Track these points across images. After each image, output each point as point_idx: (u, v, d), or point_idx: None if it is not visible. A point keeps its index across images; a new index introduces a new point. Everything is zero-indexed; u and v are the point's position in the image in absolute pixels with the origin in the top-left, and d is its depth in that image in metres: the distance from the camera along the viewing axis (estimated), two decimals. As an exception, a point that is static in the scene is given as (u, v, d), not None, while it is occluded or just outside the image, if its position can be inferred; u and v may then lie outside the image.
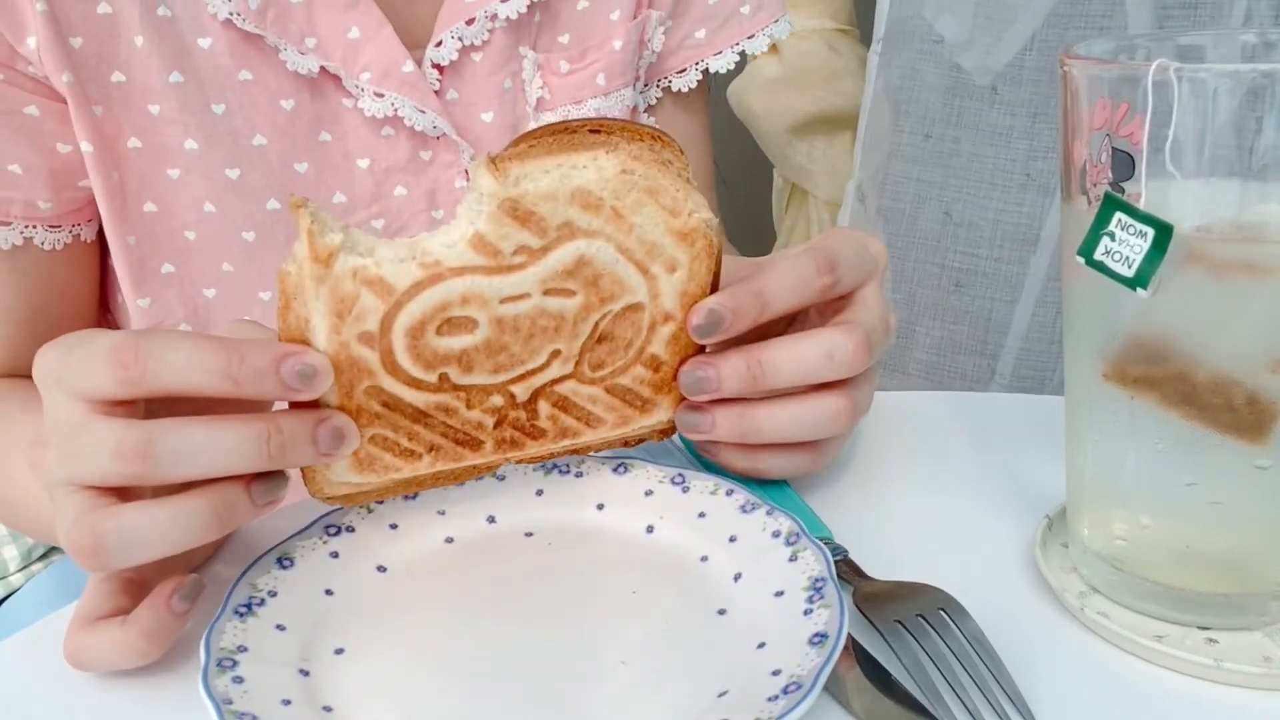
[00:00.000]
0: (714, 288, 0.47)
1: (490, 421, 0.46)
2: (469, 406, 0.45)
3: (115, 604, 0.43)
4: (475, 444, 0.46)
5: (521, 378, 0.45)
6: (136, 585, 0.44)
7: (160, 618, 0.42)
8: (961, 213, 1.33)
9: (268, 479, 0.43)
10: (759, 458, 0.51)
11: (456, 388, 0.44)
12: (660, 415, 0.49)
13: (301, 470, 0.45)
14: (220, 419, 0.41)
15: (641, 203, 0.44)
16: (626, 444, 0.51)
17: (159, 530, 0.40)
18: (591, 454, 0.52)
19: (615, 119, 0.47)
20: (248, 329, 0.45)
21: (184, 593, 0.43)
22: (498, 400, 0.45)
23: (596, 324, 0.45)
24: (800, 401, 0.49)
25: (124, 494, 0.42)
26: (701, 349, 0.49)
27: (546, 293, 0.43)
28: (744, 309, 0.46)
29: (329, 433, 0.42)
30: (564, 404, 0.47)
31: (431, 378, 0.44)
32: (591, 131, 0.43)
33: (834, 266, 0.48)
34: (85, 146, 0.62)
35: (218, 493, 0.41)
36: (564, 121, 0.43)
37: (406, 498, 0.51)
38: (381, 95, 0.65)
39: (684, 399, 0.49)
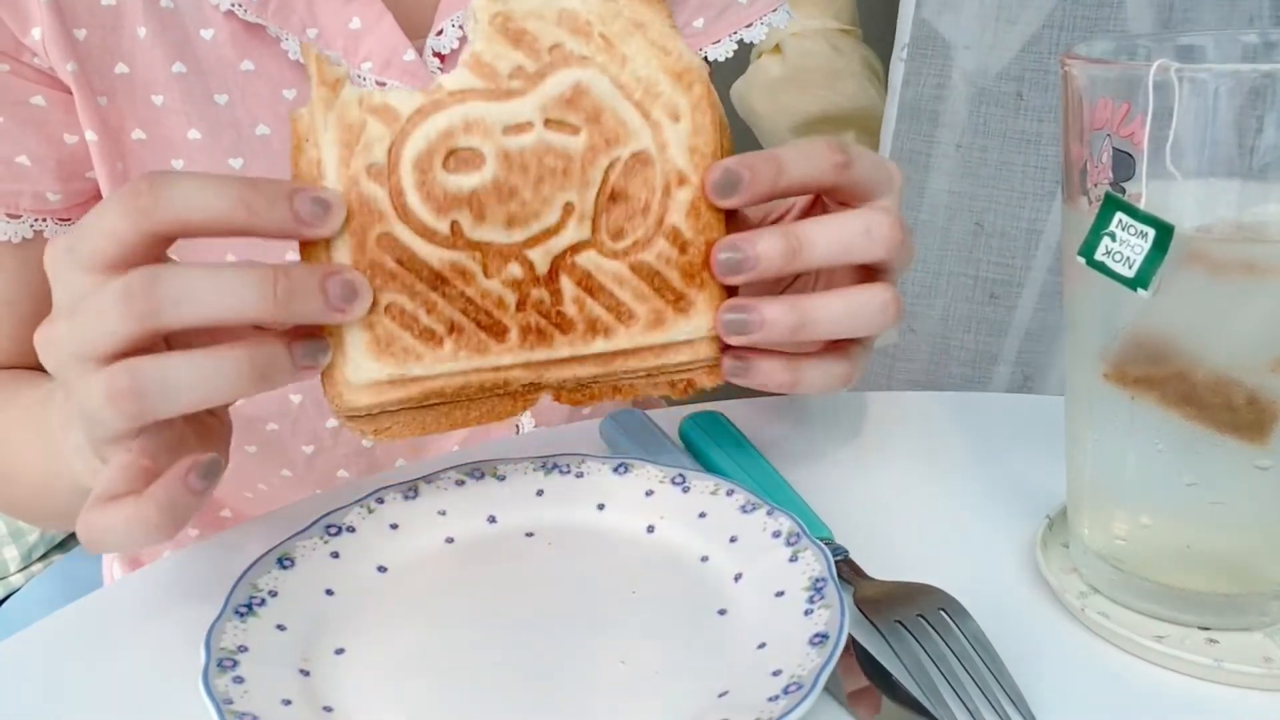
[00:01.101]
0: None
1: (512, 299, 0.45)
2: (487, 274, 0.44)
3: (130, 488, 0.42)
4: (499, 331, 0.45)
5: (537, 239, 0.45)
6: (152, 474, 0.43)
7: (176, 493, 0.41)
8: (993, 223, 1.32)
9: (309, 340, 0.42)
10: (802, 367, 0.48)
11: (471, 245, 0.44)
12: (698, 320, 0.46)
13: (321, 376, 0.44)
14: (226, 265, 0.40)
15: (629, 33, 0.44)
16: (674, 386, 0.48)
17: (199, 374, 0.39)
18: (626, 394, 0.48)
19: None
20: None
21: (201, 470, 0.41)
22: (517, 270, 0.45)
23: (606, 174, 0.45)
24: (849, 292, 0.47)
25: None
26: (725, 231, 0.47)
27: (548, 124, 0.44)
28: (760, 169, 0.45)
29: (339, 285, 0.41)
30: (589, 284, 0.46)
31: (444, 226, 0.43)
32: None
33: (845, 149, 0.47)
34: (90, 136, 0.63)
35: (258, 345, 0.41)
36: None
37: (419, 486, 0.51)
38: (383, 84, 0.65)
39: (723, 294, 0.47)
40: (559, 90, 0.44)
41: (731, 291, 0.47)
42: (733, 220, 0.47)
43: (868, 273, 0.49)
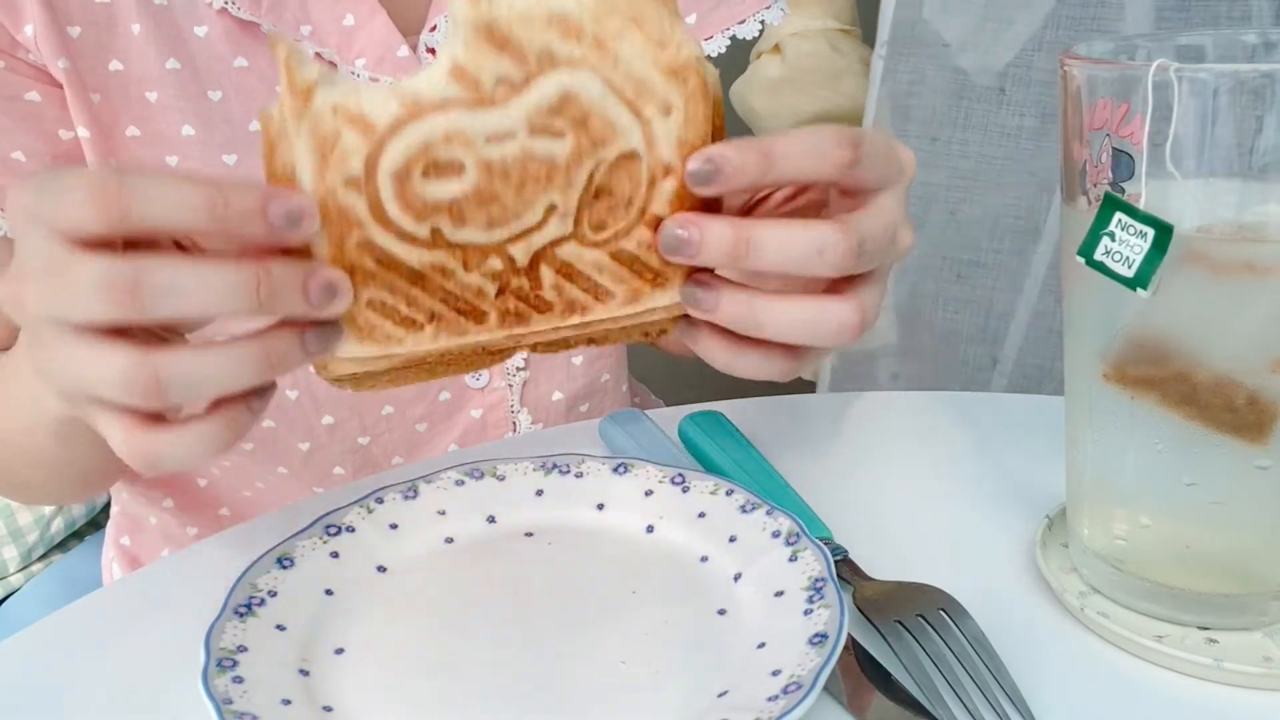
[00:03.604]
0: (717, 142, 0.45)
1: (492, 289, 0.44)
2: (467, 269, 0.44)
3: (187, 411, 0.42)
4: (478, 315, 0.45)
5: (518, 237, 0.44)
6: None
7: (240, 412, 0.42)
8: (968, 213, 1.34)
9: (321, 329, 0.42)
10: (742, 353, 0.47)
11: (451, 246, 0.43)
12: (673, 290, 0.46)
13: None
14: (209, 259, 0.40)
15: (625, 30, 0.43)
16: (647, 335, 0.48)
17: (217, 367, 0.40)
18: (601, 343, 0.48)
19: None
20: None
21: (263, 400, 0.42)
22: (496, 264, 0.44)
23: (591, 174, 0.44)
24: (810, 303, 0.45)
25: (117, 335, 0.41)
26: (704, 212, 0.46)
27: (533, 132, 0.43)
28: (746, 161, 0.43)
29: (320, 285, 0.41)
30: (568, 271, 0.45)
31: (424, 232, 0.43)
32: None
33: (857, 144, 0.44)
34: (83, 132, 0.63)
35: (270, 340, 0.41)
36: None
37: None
38: (377, 80, 0.65)
39: (693, 273, 0.46)
40: (545, 99, 0.43)
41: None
42: (716, 207, 0.46)
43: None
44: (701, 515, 0.50)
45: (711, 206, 0.46)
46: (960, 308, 1.38)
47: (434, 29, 0.67)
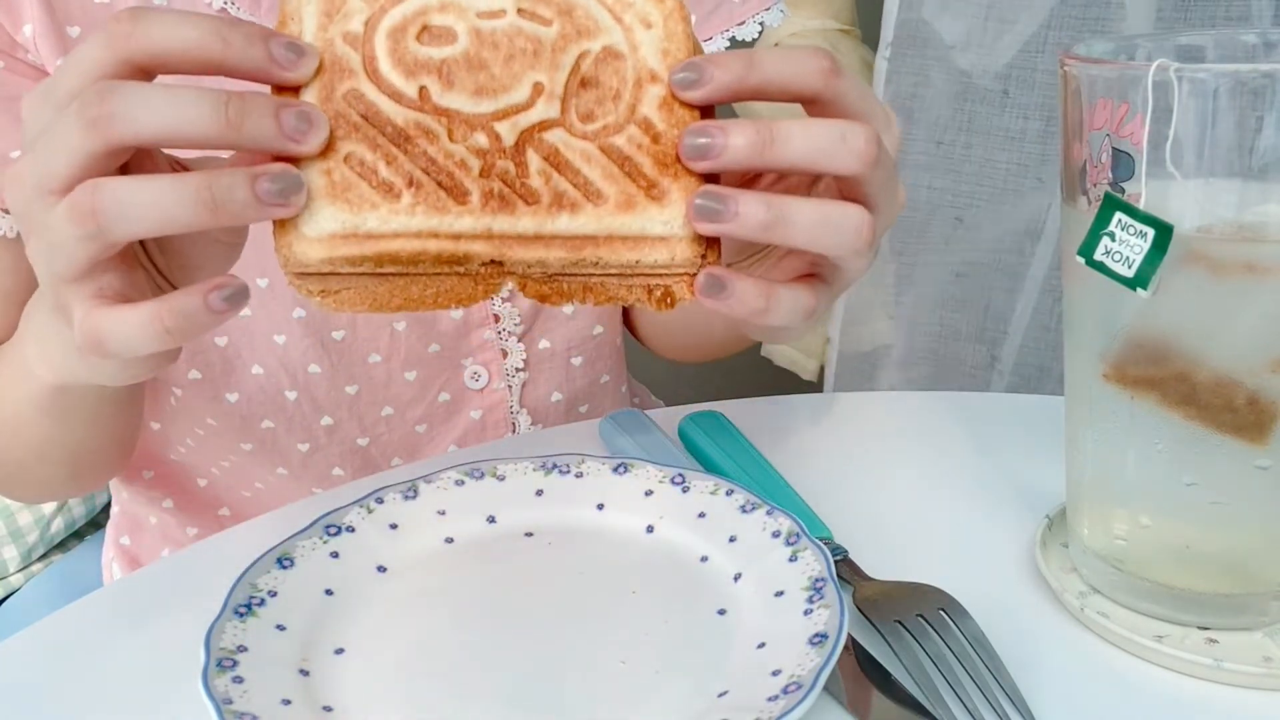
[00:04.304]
0: None
1: (475, 165, 0.44)
2: (452, 138, 0.44)
3: (139, 296, 0.42)
4: (460, 193, 0.44)
5: (505, 114, 0.44)
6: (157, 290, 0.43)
7: (195, 306, 0.40)
8: (974, 218, 1.33)
9: (277, 170, 0.41)
10: (777, 293, 0.45)
11: (438, 110, 0.44)
12: (672, 212, 0.44)
13: (274, 227, 0.43)
14: (180, 85, 0.40)
15: None
16: (650, 294, 0.46)
17: (157, 193, 0.39)
18: (599, 297, 0.46)
19: None
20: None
21: (226, 291, 0.40)
22: (482, 140, 0.44)
23: (578, 61, 0.45)
24: (828, 203, 0.45)
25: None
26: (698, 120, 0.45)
27: (521, 14, 0.45)
28: (729, 64, 0.43)
29: (295, 112, 0.41)
30: (555, 159, 0.44)
31: (412, 90, 0.43)
32: None
33: (834, 59, 0.44)
34: None
35: (218, 173, 0.40)
36: None
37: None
38: None
39: (700, 183, 0.44)
40: None
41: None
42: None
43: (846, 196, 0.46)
44: (701, 515, 0.50)
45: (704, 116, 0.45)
46: (960, 308, 1.38)
47: None
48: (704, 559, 0.48)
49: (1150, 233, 0.39)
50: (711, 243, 0.45)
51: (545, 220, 0.44)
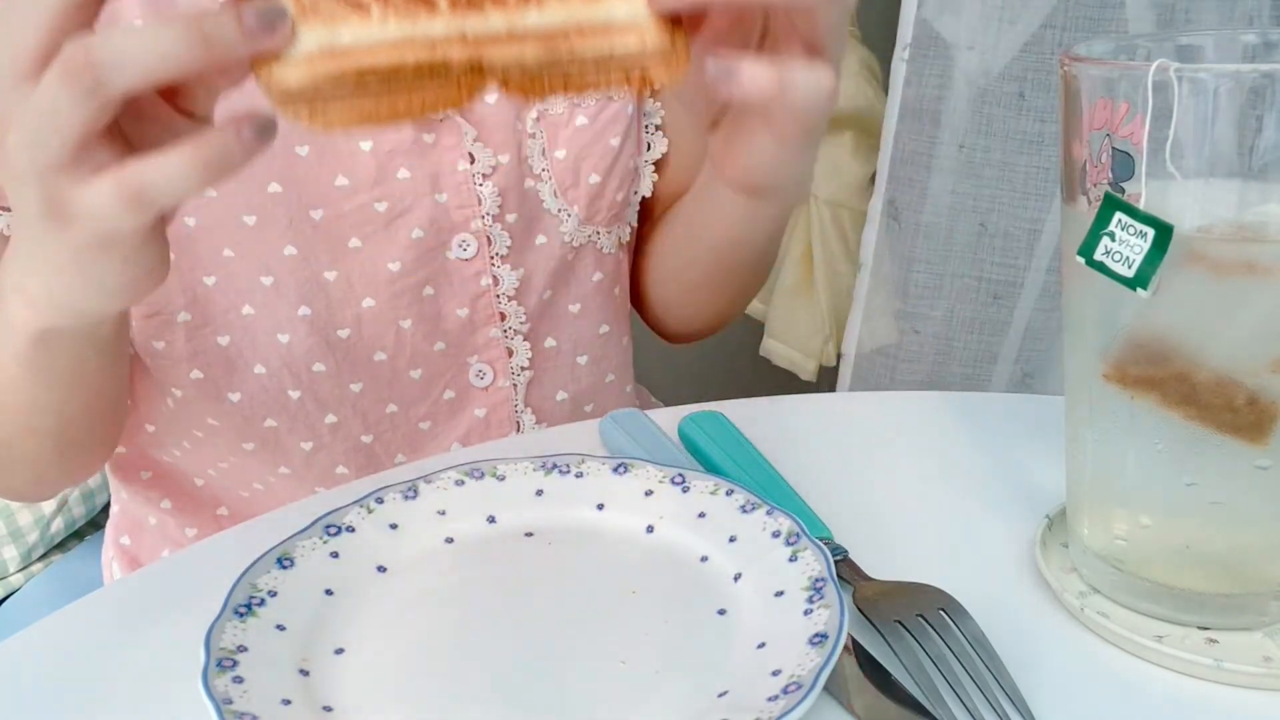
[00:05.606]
0: None
1: None
2: None
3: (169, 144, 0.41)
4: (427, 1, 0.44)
5: None
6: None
7: (229, 139, 0.40)
8: (996, 224, 1.32)
9: (260, 6, 0.40)
10: (789, 66, 0.44)
11: None
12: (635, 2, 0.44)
13: (253, 61, 0.42)
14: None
15: None
16: (629, 80, 0.46)
17: (148, 39, 0.38)
18: (578, 87, 0.46)
19: None
20: None
21: (255, 124, 0.40)
22: None
23: None
24: None
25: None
26: None
27: None
28: None
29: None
30: None
31: None
32: None
33: None
34: None
35: (205, 15, 0.39)
36: None
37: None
38: None
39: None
40: None
41: None
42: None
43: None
44: (701, 515, 0.50)
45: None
46: (960, 307, 1.38)
47: None
48: (704, 559, 0.48)
49: (1150, 233, 0.39)
50: (678, 27, 0.44)
51: (514, 17, 0.44)
